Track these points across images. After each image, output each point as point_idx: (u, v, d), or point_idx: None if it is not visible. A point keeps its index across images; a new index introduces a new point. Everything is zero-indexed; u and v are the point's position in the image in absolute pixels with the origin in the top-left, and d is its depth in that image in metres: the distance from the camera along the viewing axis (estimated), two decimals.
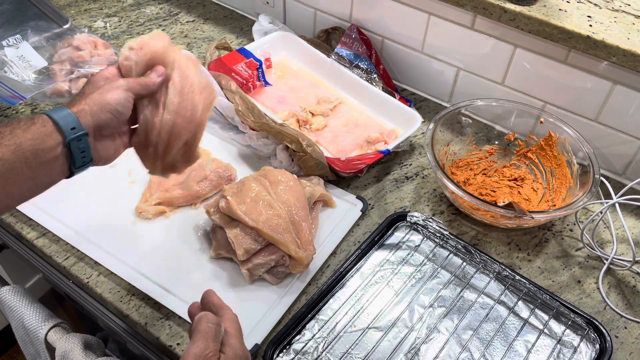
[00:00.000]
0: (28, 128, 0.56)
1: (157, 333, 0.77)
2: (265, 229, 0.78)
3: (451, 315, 0.80)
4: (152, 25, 1.32)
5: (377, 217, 0.94)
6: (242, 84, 1.07)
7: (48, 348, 0.93)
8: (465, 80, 1.12)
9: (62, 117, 0.58)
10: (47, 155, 0.57)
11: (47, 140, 0.57)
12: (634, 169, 1.01)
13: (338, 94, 1.14)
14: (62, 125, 0.57)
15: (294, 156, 0.94)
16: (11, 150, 0.54)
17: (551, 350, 0.77)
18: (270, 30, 1.21)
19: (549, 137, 0.99)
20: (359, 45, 1.16)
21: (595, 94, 0.97)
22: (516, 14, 0.93)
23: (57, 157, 0.58)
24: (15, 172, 0.55)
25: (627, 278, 0.88)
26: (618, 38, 0.88)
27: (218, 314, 0.63)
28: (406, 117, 1.06)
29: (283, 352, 0.74)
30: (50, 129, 0.57)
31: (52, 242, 0.86)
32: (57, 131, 0.57)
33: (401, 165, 1.04)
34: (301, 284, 0.82)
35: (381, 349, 0.75)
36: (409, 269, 0.85)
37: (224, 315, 0.63)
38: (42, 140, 0.57)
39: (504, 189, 0.99)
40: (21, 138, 0.55)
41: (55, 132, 0.57)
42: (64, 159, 0.59)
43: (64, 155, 0.59)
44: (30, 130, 0.56)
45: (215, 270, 0.83)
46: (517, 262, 0.89)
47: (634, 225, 0.96)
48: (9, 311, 0.98)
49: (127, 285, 0.81)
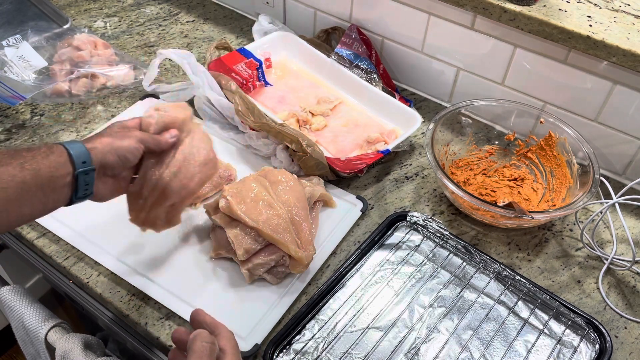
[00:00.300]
0: (47, 156, 0.61)
1: (157, 333, 0.77)
2: (265, 229, 0.79)
3: (451, 315, 0.80)
4: (152, 25, 1.32)
5: (377, 217, 0.94)
6: (242, 84, 1.07)
7: (48, 348, 0.93)
8: (465, 80, 1.12)
9: (77, 150, 0.63)
10: (58, 182, 0.62)
11: (60, 170, 0.62)
12: (634, 169, 1.01)
13: (338, 94, 1.14)
14: (75, 158, 0.63)
15: (294, 156, 0.94)
16: (31, 175, 0.59)
17: (551, 350, 0.77)
18: (270, 30, 1.21)
19: (549, 137, 0.99)
20: (359, 45, 1.16)
21: (595, 94, 0.97)
22: (516, 14, 0.93)
23: (65, 185, 0.63)
24: (31, 194, 0.60)
25: (627, 278, 0.88)
26: (618, 38, 0.88)
27: (213, 333, 0.61)
28: (406, 117, 1.06)
29: (283, 352, 0.75)
30: (65, 159, 0.62)
31: (52, 242, 0.86)
32: (69, 162, 0.63)
33: (401, 165, 1.04)
34: (301, 284, 0.82)
35: (381, 349, 0.75)
36: (409, 269, 0.85)
37: (220, 333, 0.61)
38: (57, 169, 0.62)
39: (504, 189, 0.99)
40: (40, 164, 0.60)
41: (68, 163, 0.62)
42: (69, 188, 0.64)
43: (70, 185, 0.63)
44: (48, 158, 0.61)
45: (215, 270, 0.83)
46: (517, 262, 0.89)
47: (633, 225, 0.96)
48: (9, 311, 0.98)
49: (127, 285, 0.81)
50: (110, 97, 1.12)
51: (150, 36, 1.29)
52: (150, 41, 1.27)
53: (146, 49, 1.25)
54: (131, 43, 1.26)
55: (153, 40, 1.28)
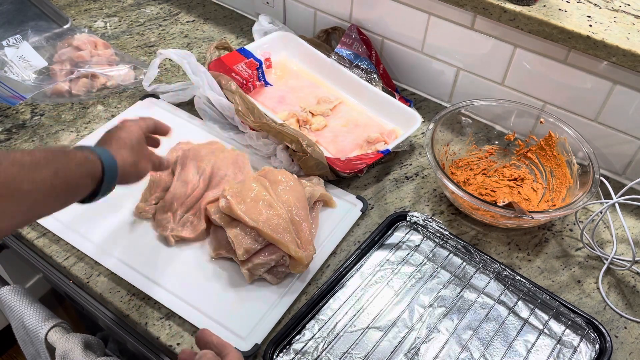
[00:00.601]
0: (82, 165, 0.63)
1: (157, 333, 0.77)
2: (265, 229, 0.79)
3: (451, 315, 0.80)
4: (152, 25, 1.32)
5: (377, 217, 0.94)
6: (242, 84, 1.07)
7: (48, 348, 0.93)
8: (465, 80, 1.12)
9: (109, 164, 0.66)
10: (84, 189, 0.65)
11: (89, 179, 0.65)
12: (634, 169, 1.01)
13: (338, 94, 1.14)
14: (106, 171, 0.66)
15: (294, 156, 0.94)
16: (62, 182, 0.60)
17: (551, 350, 0.77)
18: (270, 30, 1.21)
19: (549, 137, 0.99)
20: (359, 45, 1.16)
21: (595, 94, 0.97)
22: (516, 14, 0.93)
23: (88, 188, 0.65)
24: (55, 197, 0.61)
25: (626, 278, 0.88)
26: (618, 38, 0.88)
27: (221, 353, 0.59)
28: (406, 117, 1.06)
29: (283, 352, 0.75)
30: (98, 171, 0.65)
31: (52, 242, 0.86)
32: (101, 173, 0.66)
33: (401, 165, 1.04)
34: (301, 283, 0.82)
35: (381, 348, 0.75)
36: (409, 269, 0.85)
37: (228, 354, 0.59)
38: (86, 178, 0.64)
39: (504, 189, 0.99)
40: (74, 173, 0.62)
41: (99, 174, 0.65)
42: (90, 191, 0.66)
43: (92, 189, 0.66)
44: (83, 167, 0.63)
45: (215, 270, 0.83)
46: (517, 262, 0.89)
47: (633, 225, 0.96)
48: (9, 311, 0.98)
49: (127, 285, 0.81)
50: (111, 97, 1.12)
51: (150, 36, 1.29)
52: (150, 41, 1.27)
53: (146, 49, 1.25)
54: (131, 43, 1.27)
55: (153, 40, 1.28)
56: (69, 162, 0.61)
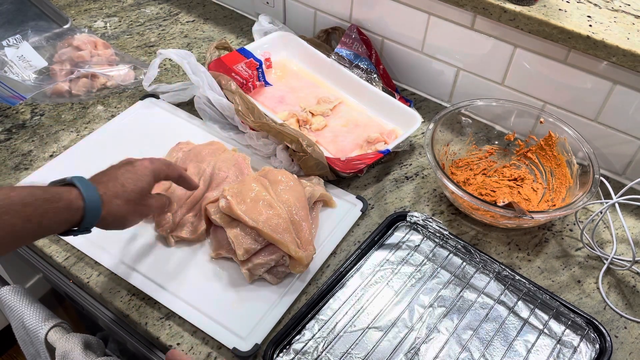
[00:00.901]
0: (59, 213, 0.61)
1: (157, 333, 0.77)
2: (265, 229, 0.79)
3: (451, 315, 0.80)
4: (152, 25, 1.32)
5: (377, 217, 0.94)
6: (242, 84, 1.07)
7: (48, 348, 0.93)
8: (465, 80, 1.12)
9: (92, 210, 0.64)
10: (60, 228, 0.64)
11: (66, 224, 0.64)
12: (634, 169, 1.01)
13: (338, 94, 1.14)
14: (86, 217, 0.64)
15: (294, 156, 0.94)
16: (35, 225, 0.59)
17: (551, 350, 0.77)
18: (270, 30, 1.21)
19: (549, 137, 0.99)
20: (359, 45, 1.16)
21: (595, 94, 0.97)
22: (516, 14, 0.93)
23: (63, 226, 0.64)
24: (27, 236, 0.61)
25: (626, 278, 0.88)
26: (618, 38, 0.88)
27: None
28: (406, 117, 1.06)
29: (283, 352, 0.75)
30: (78, 217, 0.64)
31: (52, 242, 0.86)
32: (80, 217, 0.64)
33: (401, 165, 1.04)
34: (301, 283, 0.82)
35: (381, 348, 0.75)
36: (408, 269, 0.85)
37: None
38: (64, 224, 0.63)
39: (504, 189, 0.99)
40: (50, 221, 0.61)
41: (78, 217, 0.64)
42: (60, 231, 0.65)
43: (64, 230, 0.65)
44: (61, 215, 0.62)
45: (215, 270, 0.83)
46: (517, 262, 0.89)
47: (633, 225, 0.96)
48: (9, 311, 0.98)
49: (127, 285, 0.81)
50: (111, 97, 1.12)
51: (150, 36, 1.29)
52: (150, 41, 1.27)
53: (146, 49, 1.25)
54: (131, 43, 1.27)
55: (153, 40, 1.28)
56: (47, 211, 0.60)
